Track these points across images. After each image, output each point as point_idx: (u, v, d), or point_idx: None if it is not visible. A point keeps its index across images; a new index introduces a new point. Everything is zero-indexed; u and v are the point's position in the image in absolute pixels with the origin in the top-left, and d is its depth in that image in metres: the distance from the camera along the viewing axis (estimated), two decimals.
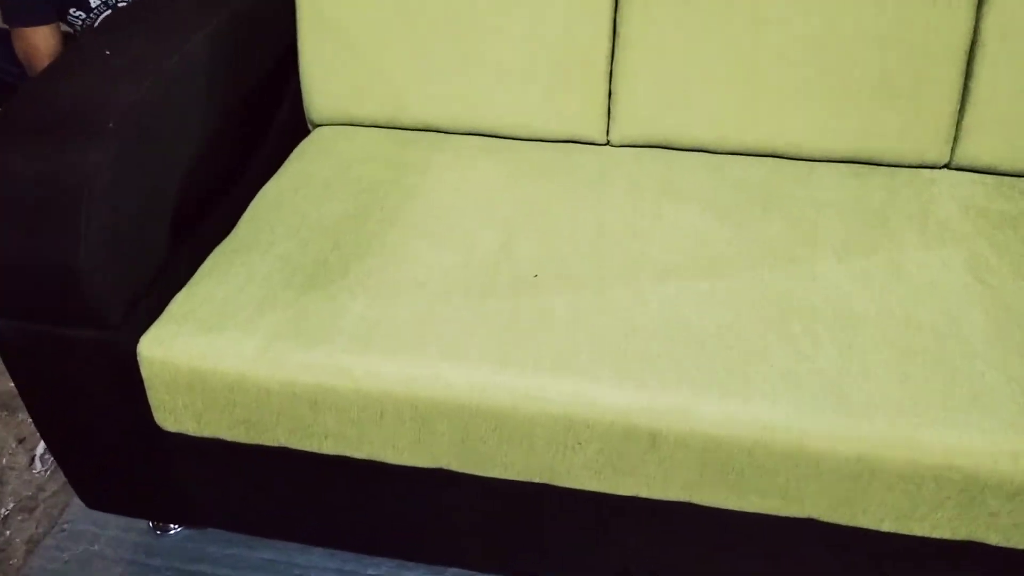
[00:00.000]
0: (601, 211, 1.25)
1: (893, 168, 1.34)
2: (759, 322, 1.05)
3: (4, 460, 1.49)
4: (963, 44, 1.25)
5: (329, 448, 1.07)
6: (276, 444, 1.09)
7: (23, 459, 1.49)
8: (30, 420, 1.56)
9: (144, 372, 1.06)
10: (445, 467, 1.05)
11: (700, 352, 1.01)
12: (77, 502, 1.39)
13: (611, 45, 1.35)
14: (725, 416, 0.95)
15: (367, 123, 1.47)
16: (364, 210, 1.25)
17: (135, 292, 1.06)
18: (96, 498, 1.26)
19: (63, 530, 1.34)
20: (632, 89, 1.35)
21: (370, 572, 1.27)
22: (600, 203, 1.26)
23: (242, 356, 1.03)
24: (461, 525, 1.14)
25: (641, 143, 1.39)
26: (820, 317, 1.05)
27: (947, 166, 1.33)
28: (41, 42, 1.81)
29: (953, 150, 1.31)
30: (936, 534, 0.96)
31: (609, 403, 0.97)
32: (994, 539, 0.94)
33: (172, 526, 1.35)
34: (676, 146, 1.38)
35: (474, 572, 1.24)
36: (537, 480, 1.04)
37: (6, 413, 1.58)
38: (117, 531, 1.34)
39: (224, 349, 1.04)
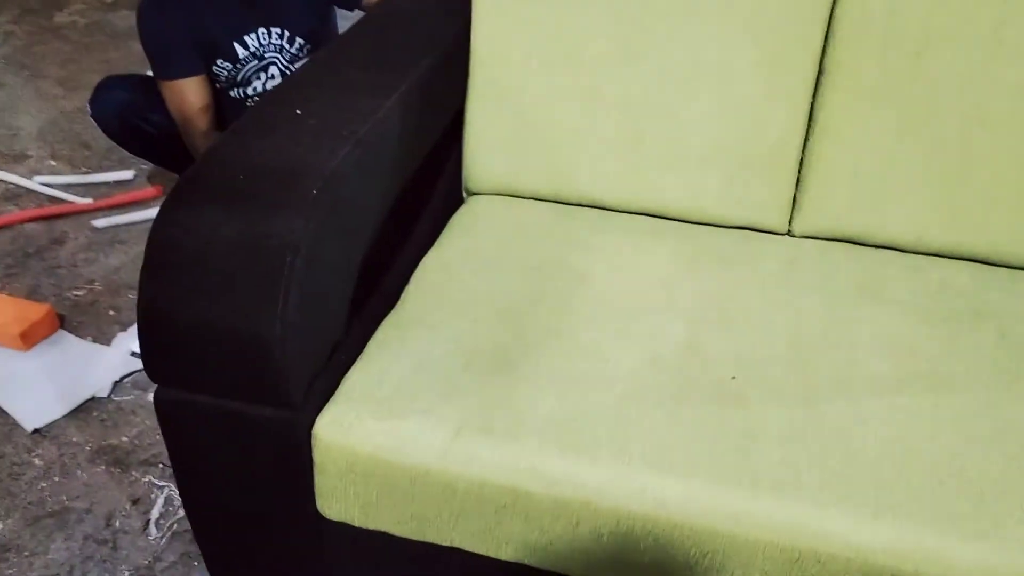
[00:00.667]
0: (793, 308, 1.15)
1: None
2: (996, 452, 0.94)
3: (117, 523, 1.41)
4: None
5: (507, 554, 0.98)
6: (448, 544, 0.99)
7: (137, 523, 1.41)
8: (145, 479, 1.49)
9: (317, 456, 0.98)
10: None
11: (938, 484, 0.90)
12: None
13: (805, 132, 1.27)
14: (979, 561, 0.84)
15: (526, 195, 1.40)
16: (535, 291, 1.17)
17: (315, 369, 0.99)
18: None
19: None
20: (824, 179, 1.27)
21: None
22: (790, 299, 1.17)
23: (429, 448, 0.94)
24: None
25: (826, 236, 1.30)
26: None
27: None
28: (192, 95, 1.79)
29: None
30: None
31: (844, 536, 0.86)
32: None
33: None
34: (866, 242, 1.29)
35: None
36: None
37: (119, 470, 1.50)
38: None
39: (409, 439, 0.95)
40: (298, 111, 1.07)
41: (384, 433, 0.96)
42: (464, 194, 1.44)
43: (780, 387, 1.02)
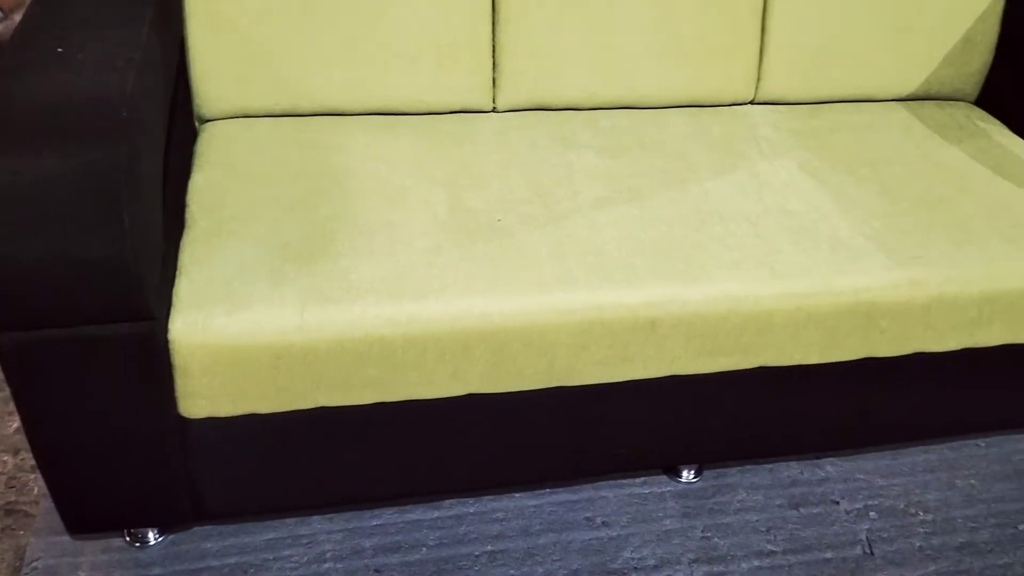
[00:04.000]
0: (519, 163, 1.44)
1: (714, 107, 1.68)
2: (688, 229, 1.31)
3: None
4: (758, 6, 1.62)
5: (368, 398, 1.16)
6: (313, 406, 1.15)
7: None
8: None
9: (178, 359, 1.06)
10: (475, 391, 1.19)
11: (663, 256, 1.25)
12: (34, 541, 1.28)
13: (492, 23, 1.54)
14: (704, 297, 1.20)
15: (260, 114, 1.51)
16: (311, 190, 1.32)
17: (158, 280, 1.06)
18: (83, 518, 1.20)
19: (34, 569, 1.24)
20: (513, 61, 1.55)
21: (374, 523, 1.35)
22: (514, 158, 1.45)
23: (284, 325, 1.08)
24: (474, 448, 1.27)
25: (523, 107, 1.60)
26: (728, 218, 1.34)
27: (751, 102, 1.71)
28: None
29: (756, 89, 1.69)
30: (847, 356, 1.30)
31: (617, 303, 1.18)
32: (884, 351, 1.30)
33: (151, 537, 1.30)
34: (552, 107, 1.61)
35: (474, 496, 1.38)
36: (554, 384, 1.21)
37: None
38: (94, 556, 1.27)
39: (263, 322, 1.08)
40: (59, 48, 1.09)
41: (239, 323, 1.07)
42: (196, 123, 1.50)
43: (534, 219, 1.30)
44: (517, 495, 1.40)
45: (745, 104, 1.70)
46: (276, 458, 1.20)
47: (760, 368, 1.28)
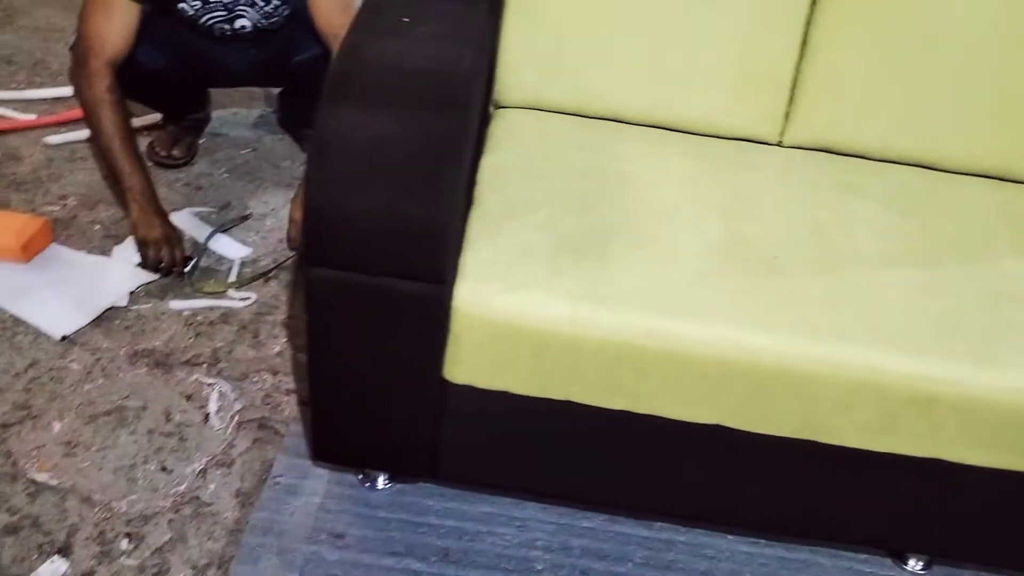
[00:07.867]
0: (800, 203, 1.39)
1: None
2: (979, 308, 1.22)
3: (177, 417, 1.48)
4: None
5: (616, 404, 1.17)
6: (563, 398, 1.17)
7: (197, 417, 1.48)
8: (192, 378, 1.55)
9: (456, 325, 1.12)
10: (723, 424, 1.17)
11: (949, 331, 1.17)
12: (280, 458, 1.40)
13: (799, 54, 1.50)
14: (994, 385, 1.12)
15: (550, 108, 1.56)
16: (590, 191, 1.34)
17: (456, 249, 1.13)
18: (330, 449, 1.30)
19: (276, 483, 1.36)
20: (812, 97, 1.51)
21: (584, 524, 1.36)
22: (795, 196, 1.41)
23: (555, 316, 1.12)
24: (705, 480, 1.26)
25: (809, 146, 1.55)
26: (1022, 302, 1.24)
27: None
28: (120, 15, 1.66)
29: None
30: None
31: (896, 370, 1.12)
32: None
33: (380, 481, 1.39)
34: (841, 151, 1.55)
35: (687, 526, 1.37)
36: (806, 437, 1.17)
37: (162, 371, 1.56)
38: (329, 485, 1.37)
39: (537, 308, 1.12)
40: (405, 19, 1.17)
41: (515, 304, 1.12)
42: (492, 108, 1.58)
43: (811, 262, 1.26)
44: (730, 537, 1.37)
45: None
46: (516, 438, 1.24)
47: None
